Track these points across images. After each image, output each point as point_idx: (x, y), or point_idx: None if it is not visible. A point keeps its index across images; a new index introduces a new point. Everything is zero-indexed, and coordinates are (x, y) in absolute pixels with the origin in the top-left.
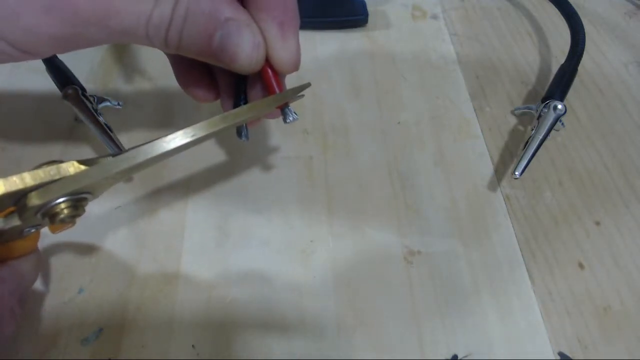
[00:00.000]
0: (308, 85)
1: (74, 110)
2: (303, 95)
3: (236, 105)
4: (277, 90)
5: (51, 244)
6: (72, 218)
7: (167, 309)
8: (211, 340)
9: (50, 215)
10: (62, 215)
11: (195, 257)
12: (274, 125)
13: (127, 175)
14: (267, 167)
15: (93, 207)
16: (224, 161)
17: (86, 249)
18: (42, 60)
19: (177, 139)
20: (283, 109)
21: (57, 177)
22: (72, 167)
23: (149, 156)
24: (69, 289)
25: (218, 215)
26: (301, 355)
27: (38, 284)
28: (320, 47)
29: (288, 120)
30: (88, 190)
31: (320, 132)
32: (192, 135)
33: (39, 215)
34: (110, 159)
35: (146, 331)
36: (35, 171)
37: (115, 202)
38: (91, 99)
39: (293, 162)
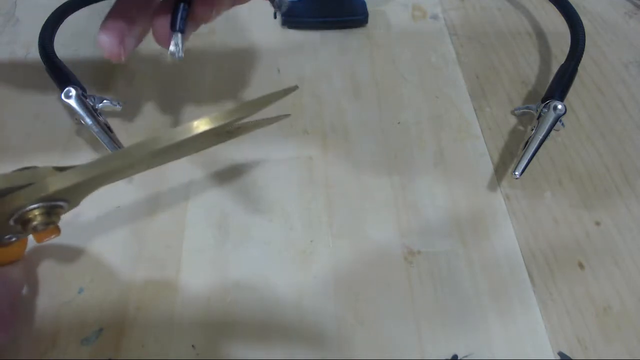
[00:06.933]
0: None
1: (74, 110)
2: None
3: (174, 22)
4: None
5: (51, 244)
6: (45, 225)
7: (167, 309)
8: (211, 340)
9: (22, 222)
10: (35, 222)
11: (195, 257)
12: (274, 125)
13: (104, 182)
14: (267, 167)
15: (93, 207)
16: (223, 161)
17: (86, 249)
18: (42, 60)
19: (151, 143)
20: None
21: (31, 181)
22: (48, 173)
23: (123, 163)
24: (69, 289)
25: (218, 215)
26: (301, 355)
27: (38, 284)
28: (320, 47)
29: (282, 10)
30: (63, 197)
31: (320, 132)
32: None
33: (11, 222)
34: (84, 164)
35: (146, 331)
36: (7, 174)
37: (115, 202)
38: (91, 99)
39: (293, 162)
